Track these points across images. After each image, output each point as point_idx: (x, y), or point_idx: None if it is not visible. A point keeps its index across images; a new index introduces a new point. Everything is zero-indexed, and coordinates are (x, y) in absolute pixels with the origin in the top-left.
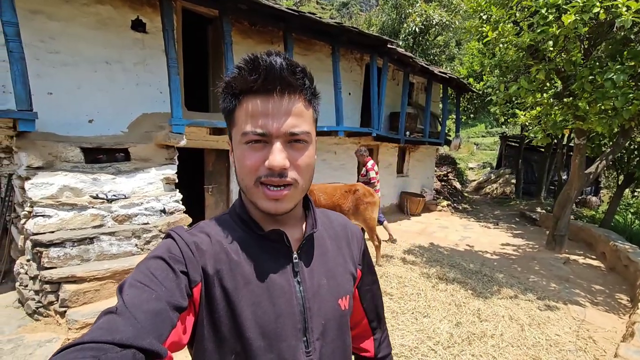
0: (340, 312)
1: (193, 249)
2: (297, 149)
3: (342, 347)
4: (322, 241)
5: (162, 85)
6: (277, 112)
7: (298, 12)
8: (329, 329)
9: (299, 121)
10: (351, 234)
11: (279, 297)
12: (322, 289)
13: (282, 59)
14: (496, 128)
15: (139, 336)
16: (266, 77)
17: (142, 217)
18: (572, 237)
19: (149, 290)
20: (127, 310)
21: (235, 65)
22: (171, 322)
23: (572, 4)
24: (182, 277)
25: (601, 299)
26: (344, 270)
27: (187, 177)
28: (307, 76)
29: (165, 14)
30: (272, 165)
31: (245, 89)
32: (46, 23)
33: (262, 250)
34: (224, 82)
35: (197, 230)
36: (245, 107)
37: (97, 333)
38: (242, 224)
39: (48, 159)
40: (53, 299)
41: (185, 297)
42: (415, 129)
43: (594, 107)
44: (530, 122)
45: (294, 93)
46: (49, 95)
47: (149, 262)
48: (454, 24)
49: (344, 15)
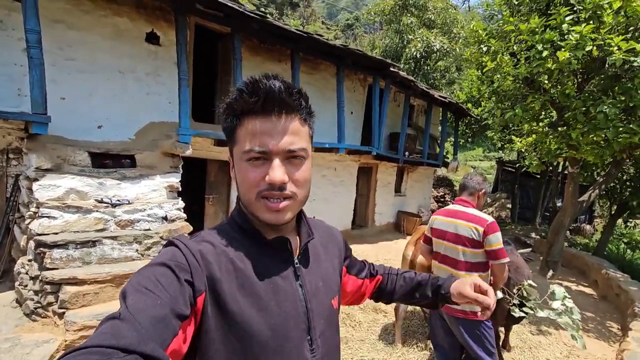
0: (333, 311)
1: (198, 257)
2: (294, 165)
3: (335, 343)
4: (315, 247)
5: (171, 96)
6: (276, 131)
7: (307, 34)
8: (326, 327)
9: (296, 139)
10: (334, 236)
11: (284, 301)
12: (319, 291)
13: (280, 82)
14: (493, 153)
15: (142, 342)
16: (265, 99)
17: (144, 223)
18: (566, 264)
19: (154, 296)
20: (131, 315)
21: (237, 88)
22: (174, 330)
23: (566, 41)
24: (187, 286)
25: (592, 326)
26: (333, 273)
27: (189, 186)
28: (302, 97)
29: (180, 28)
30: (273, 180)
31: (246, 109)
32: (66, 32)
33: (264, 257)
34: (225, 103)
35: (199, 239)
36: (245, 127)
37: (101, 337)
38: (243, 233)
39: (56, 162)
40: (52, 300)
41: (188, 305)
42: (414, 150)
43: (586, 137)
44: (526, 148)
45: (291, 113)
46: (62, 100)
47: (154, 269)
48: (455, 51)
49: (349, 36)
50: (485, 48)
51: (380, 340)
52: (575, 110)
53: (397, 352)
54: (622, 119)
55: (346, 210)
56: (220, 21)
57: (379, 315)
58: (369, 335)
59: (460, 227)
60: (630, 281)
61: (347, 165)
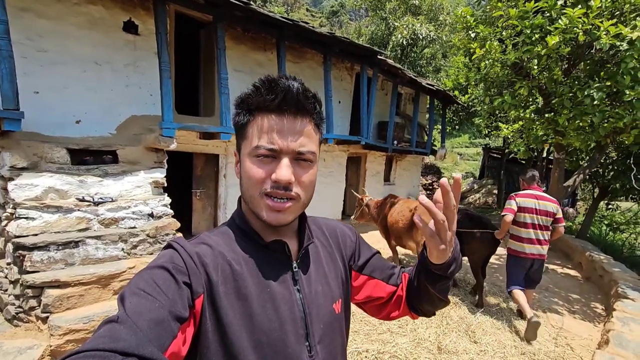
0: (336, 315)
1: (196, 260)
2: (302, 167)
3: (338, 349)
4: (315, 250)
5: (152, 88)
6: (289, 130)
7: (292, 21)
8: (327, 333)
9: (307, 141)
10: (341, 234)
11: (281, 305)
12: (319, 295)
13: (298, 83)
14: (479, 139)
15: (140, 345)
16: (284, 98)
17: (129, 221)
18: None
19: (152, 299)
20: (129, 318)
21: (253, 84)
22: (172, 332)
23: (556, 25)
24: (185, 288)
25: (578, 307)
26: (335, 276)
27: (174, 181)
28: (317, 101)
29: (159, 17)
30: (279, 178)
31: (262, 106)
32: (35, 21)
33: (263, 260)
34: (239, 97)
35: (198, 241)
36: (258, 123)
37: (100, 341)
38: (243, 235)
39: (33, 160)
40: (35, 304)
41: (186, 308)
42: (403, 139)
43: (572, 123)
44: (513, 135)
45: (306, 115)
46: (35, 94)
47: (152, 271)
48: (441, 38)
49: (334, 23)
50: (473, 34)
51: (374, 331)
52: (562, 96)
53: (391, 342)
54: (607, 103)
55: (336, 201)
56: (202, 9)
57: None
58: (363, 327)
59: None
60: (613, 262)
61: (336, 156)
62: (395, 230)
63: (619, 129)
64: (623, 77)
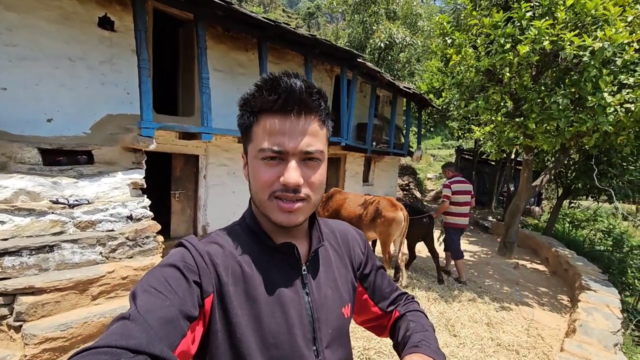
0: (344, 320)
1: (207, 259)
2: (310, 167)
3: (346, 354)
4: (326, 253)
5: (129, 86)
6: (294, 131)
7: (274, 22)
8: (335, 338)
9: (314, 140)
10: (352, 239)
11: (290, 309)
12: (328, 299)
13: (301, 81)
14: (451, 141)
15: (151, 343)
16: (287, 98)
17: (107, 224)
18: (520, 244)
19: (163, 297)
20: (140, 316)
21: (255, 84)
22: (182, 331)
23: (526, 35)
24: (195, 287)
25: (546, 300)
26: (345, 280)
27: (152, 182)
28: (322, 98)
29: (138, 14)
30: (288, 181)
31: (265, 107)
32: (3, 14)
33: (272, 262)
34: (242, 99)
35: (209, 240)
36: (263, 125)
37: (112, 338)
38: (253, 235)
39: (1, 160)
40: (6, 313)
41: (196, 307)
42: (381, 140)
43: (540, 127)
44: (484, 137)
45: (311, 114)
46: (3, 90)
47: (164, 270)
48: (416, 44)
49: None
50: (449, 40)
51: (358, 328)
52: (531, 102)
53: (375, 338)
54: (571, 109)
55: None
56: (182, 6)
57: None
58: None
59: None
60: (577, 257)
61: None
62: (355, 224)
63: (582, 133)
64: (585, 84)
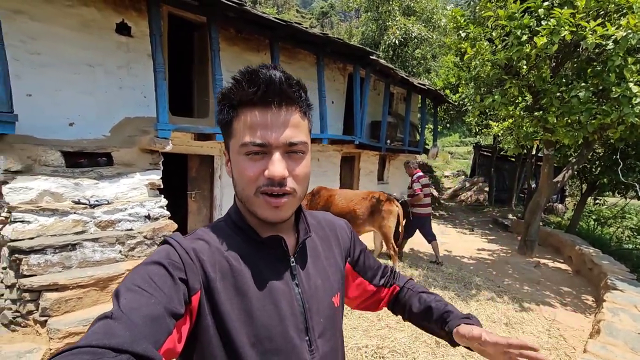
0: (335, 309)
1: (192, 256)
2: (294, 159)
3: (338, 342)
4: (313, 244)
5: (146, 89)
6: (276, 123)
7: (285, 22)
8: (327, 327)
9: (296, 132)
10: (339, 229)
11: (280, 301)
12: (318, 289)
13: (280, 72)
14: (469, 138)
15: (134, 341)
16: (266, 89)
17: (126, 223)
18: (541, 242)
19: (147, 295)
20: (124, 314)
21: (233, 77)
22: (168, 329)
23: (543, 26)
24: (181, 284)
25: (569, 300)
26: (335, 270)
27: (169, 183)
28: (302, 89)
29: (153, 19)
30: (273, 175)
31: (244, 100)
32: (27, 23)
33: (260, 256)
34: (220, 93)
35: (194, 237)
36: (243, 119)
37: (93, 337)
38: (239, 230)
39: (27, 163)
40: (33, 308)
41: (182, 304)
42: (395, 138)
43: (561, 121)
44: (503, 132)
45: (292, 105)
46: (28, 97)
47: (148, 268)
48: (432, 38)
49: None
50: (464, 34)
51: (373, 327)
52: (551, 95)
53: (389, 337)
54: (593, 101)
55: None
56: (195, 10)
57: None
58: (361, 323)
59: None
60: (602, 255)
61: (330, 156)
62: (349, 219)
63: (606, 125)
64: (609, 75)
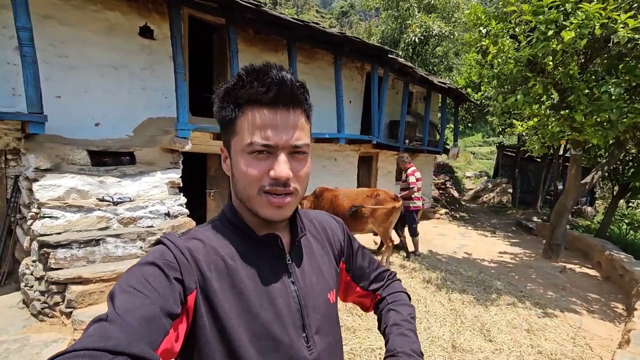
0: (330, 305)
1: (187, 255)
2: (298, 160)
3: (335, 338)
4: (308, 242)
5: (167, 90)
6: (284, 125)
7: (303, 22)
8: (323, 323)
9: (302, 134)
10: (333, 226)
11: (277, 298)
12: (314, 287)
13: (290, 74)
14: (493, 137)
15: (131, 343)
16: (278, 91)
17: (147, 220)
18: (568, 246)
19: (142, 296)
20: (119, 316)
21: (238, 75)
22: (164, 329)
23: (571, 20)
24: (176, 284)
25: (597, 307)
26: (329, 267)
27: (188, 181)
28: (306, 91)
29: (174, 21)
30: (279, 175)
31: (253, 99)
32: (57, 28)
33: (256, 254)
34: (223, 90)
35: (189, 236)
36: (249, 118)
37: (89, 340)
38: (235, 229)
39: (55, 161)
40: (59, 300)
41: (178, 304)
42: (414, 137)
43: (589, 119)
44: (527, 132)
45: (298, 107)
46: (57, 98)
47: (143, 268)
48: (453, 35)
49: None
50: (484, 31)
51: None
52: (578, 92)
53: None
54: (625, 98)
55: None
56: (215, 12)
57: None
58: (376, 324)
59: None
60: (634, 261)
61: (347, 155)
62: (355, 218)
63: (638, 124)
64: None
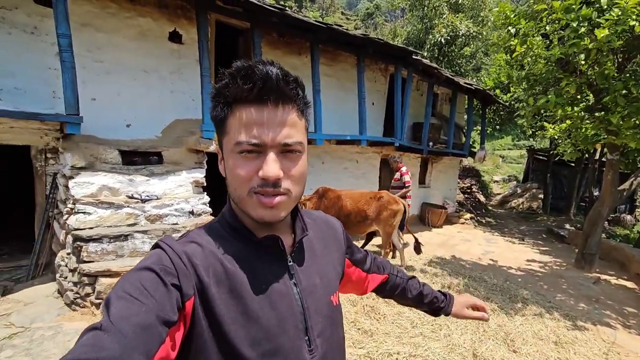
0: (333, 307)
1: (185, 260)
2: (290, 159)
3: (338, 341)
4: (310, 243)
5: (194, 93)
6: (272, 122)
7: (326, 25)
8: (326, 326)
9: (293, 131)
10: (335, 227)
11: (279, 301)
12: (317, 288)
13: (277, 68)
14: (523, 141)
15: (125, 353)
16: (263, 86)
17: (172, 218)
18: (604, 256)
19: (138, 303)
20: (113, 325)
21: (228, 73)
22: (160, 337)
23: (606, 16)
24: (174, 290)
25: (634, 322)
26: (332, 268)
27: (212, 181)
28: (299, 86)
29: (201, 26)
30: (267, 175)
31: (239, 97)
32: (94, 34)
33: (256, 257)
34: (215, 89)
35: (187, 240)
36: (238, 117)
37: (81, 350)
38: (234, 231)
39: (90, 160)
40: (90, 291)
41: (175, 311)
42: (439, 140)
43: (627, 122)
44: (560, 135)
45: (288, 103)
46: (92, 100)
47: (139, 274)
48: (482, 35)
49: (369, 25)
50: (513, 30)
51: (406, 334)
52: (615, 93)
53: (423, 346)
54: None
55: None
56: (240, 16)
57: (404, 309)
58: (394, 329)
59: None
60: None
61: (369, 157)
62: (359, 220)
63: None
64: None
